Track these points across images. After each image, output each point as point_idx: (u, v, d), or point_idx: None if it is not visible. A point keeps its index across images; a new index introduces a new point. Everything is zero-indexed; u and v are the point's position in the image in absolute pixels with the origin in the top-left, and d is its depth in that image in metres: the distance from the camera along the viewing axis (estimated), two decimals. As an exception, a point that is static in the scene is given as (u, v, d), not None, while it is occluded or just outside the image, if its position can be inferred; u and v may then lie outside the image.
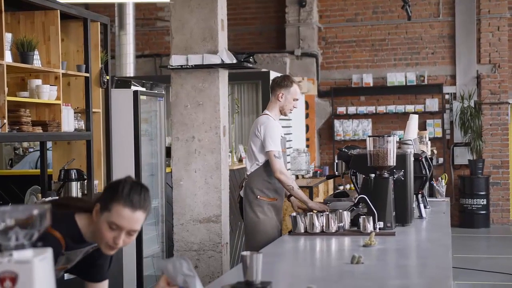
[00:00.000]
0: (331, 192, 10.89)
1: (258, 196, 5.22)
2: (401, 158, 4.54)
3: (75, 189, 5.50)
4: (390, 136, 4.45)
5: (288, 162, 9.79)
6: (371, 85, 12.70)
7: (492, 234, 11.76)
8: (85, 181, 5.62)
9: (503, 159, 12.44)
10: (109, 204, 2.51)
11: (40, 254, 1.80)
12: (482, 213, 12.09)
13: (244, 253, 2.70)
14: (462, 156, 12.40)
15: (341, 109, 12.78)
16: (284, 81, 5.34)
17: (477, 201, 12.05)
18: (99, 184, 5.86)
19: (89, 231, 2.61)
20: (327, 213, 4.33)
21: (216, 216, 6.12)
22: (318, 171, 10.84)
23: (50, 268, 1.83)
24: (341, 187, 12.00)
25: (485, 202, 12.07)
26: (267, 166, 5.20)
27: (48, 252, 1.82)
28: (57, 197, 5.09)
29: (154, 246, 6.88)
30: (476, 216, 12.05)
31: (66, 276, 4.62)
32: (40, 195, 5.54)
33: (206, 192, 6.10)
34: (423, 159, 5.01)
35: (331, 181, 11.00)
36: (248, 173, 5.33)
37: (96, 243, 2.65)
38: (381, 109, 12.62)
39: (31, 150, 8.50)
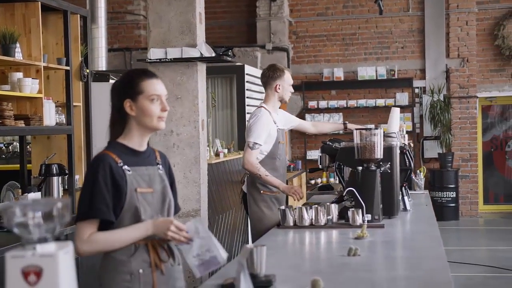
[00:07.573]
0: (305, 186, 10.94)
1: (262, 191, 5.23)
2: (388, 151, 4.56)
3: (57, 184, 5.41)
4: (377, 129, 4.47)
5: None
6: (342, 79, 12.76)
7: (461, 227, 11.90)
8: (66, 176, 5.54)
9: (472, 152, 12.61)
10: (138, 89, 2.82)
11: (64, 247, 1.77)
12: (452, 206, 12.24)
13: (248, 246, 2.70)
14: (432, 150, 12.53)
15: (312, 103, 12.81)
16: (277, 72, 5.37)
17: (446, 194, 12.19)
18: (80, 179, 5.78)
19: (132, 140, 2.85)
20: (316, 206, 4.33)
21: (195, 211, 6.09)
22: (291, 165, 10.86)
23: (73, 261, 1.81)
24: (319, 181, 12.06)
25: (454, 195, 12.23)
26: (267, 159, 5.18)
27: (70, 246, 1.80)
28: None
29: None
30: (445, 208, 12.19)
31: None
32: (20, 190, 5.45)
33: (185, 186, 6.06)
34: (407, 152, 5.05)
35: (303, 175, 11.03)
36: None
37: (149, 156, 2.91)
38: (352, 103, 12.68)
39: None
